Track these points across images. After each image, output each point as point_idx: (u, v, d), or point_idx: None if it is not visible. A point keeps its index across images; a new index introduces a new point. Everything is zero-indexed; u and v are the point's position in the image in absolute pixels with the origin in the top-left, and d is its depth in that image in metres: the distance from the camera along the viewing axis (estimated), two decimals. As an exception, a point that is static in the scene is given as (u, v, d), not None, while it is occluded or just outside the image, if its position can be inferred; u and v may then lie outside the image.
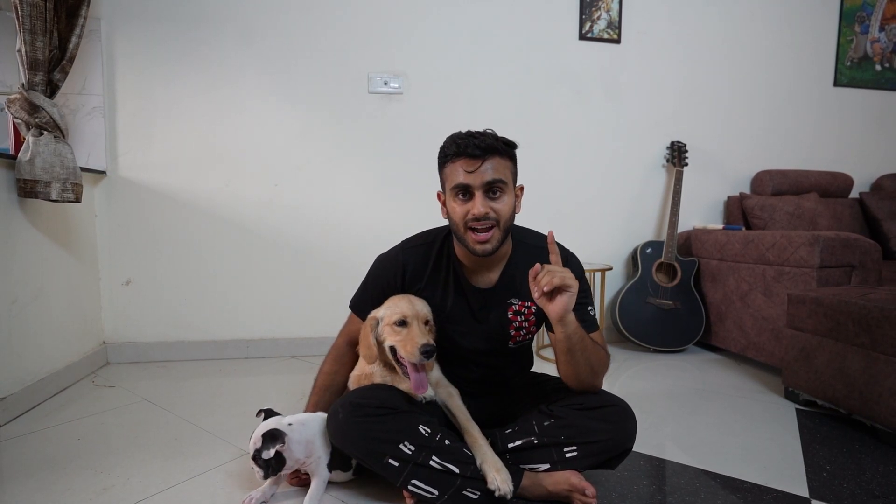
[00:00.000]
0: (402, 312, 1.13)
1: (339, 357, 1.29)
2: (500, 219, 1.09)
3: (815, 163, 2.92)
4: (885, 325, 1.43)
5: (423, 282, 1.22)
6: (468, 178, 1.07)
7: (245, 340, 2.34)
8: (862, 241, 1.97)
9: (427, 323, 1.16)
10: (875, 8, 2.94)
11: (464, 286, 1.21)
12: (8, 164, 1.61)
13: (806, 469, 1.30)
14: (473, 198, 1.08)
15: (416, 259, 1.23)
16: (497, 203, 1.08)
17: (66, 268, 1.93)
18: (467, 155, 1.06)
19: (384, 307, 1.18)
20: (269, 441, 1.03)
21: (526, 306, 1.20)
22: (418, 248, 1.25)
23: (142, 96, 2.20)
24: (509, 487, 1.01)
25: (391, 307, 1.16)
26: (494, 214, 1.08)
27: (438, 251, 1.24)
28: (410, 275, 1.22)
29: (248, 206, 2.32)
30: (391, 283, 1.23)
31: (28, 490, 1.15)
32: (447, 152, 1.10)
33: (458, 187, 1.09)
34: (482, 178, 1.06)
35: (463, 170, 1.07)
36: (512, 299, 1.20)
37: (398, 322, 1.12)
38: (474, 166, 1.06)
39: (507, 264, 1.21)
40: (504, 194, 1.09)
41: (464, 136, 1.08)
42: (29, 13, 1.59)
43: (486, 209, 1.07)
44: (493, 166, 1.06)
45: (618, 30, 2.62)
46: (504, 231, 1.11)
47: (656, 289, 2.49)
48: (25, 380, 1.64)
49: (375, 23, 2.38)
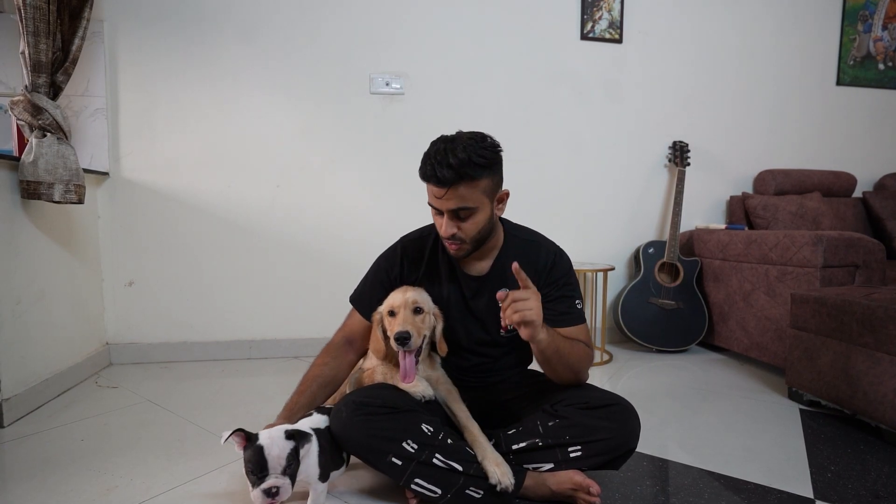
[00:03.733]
0: (392, 303, 1.18)
1: (330, 350, 1.28)
2: (467, 236, 1.14)
3: (818, 162, 2.91)
4: (889, 325, 1.43)
5: (420, 271, 1.27)
6: (436, 202, 1.12)
7: (247, 341, 2.34)
8: (865, 240, 1.96)
9: (419, 311, 1.17)
10: (878, 7, 2.93)
11: (457, 274, 1.26)
12: (11, 166, 1.62)
13: (810, 470, 1.29)
14: (444, 216, 1.13)
15: (413, 249, 1.30)
16: (465, 223, 1.12)
17: (69, 269, 1.93)
18: (434, 182, 1.09)
19: (385, 301, 1.22)
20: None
21: None
22: (415, 241, 1.31)
23: (144, 98, 2.21)
24: (510, 481, 1.02)
25: (388, 299, 1.21)
26: (461, 234, 1.13)
27: (434, 242, 1.29)
28: (408, 264, 1.28)
29: (250, 207, 2.32)
30: (390, 274, 1.28)
31: (32, 490, 1.16)
32: (420, 171, 1.12)
33: (431, 205, 1.15)
34: (447, 205, 1.10)
35: (432, 193, 1.12)
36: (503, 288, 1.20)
37: (389, 312, 1.18)
38: (440, 194, 1.09)
39: (499, 255, 1.25)
40: (472, 215, 1.12)
41: (435, 157, 1.08)
42: (32, 15, 1.59)
43: (453, 230, 1.12)
44: (458, 195, 1.08)
45: (619, 30, 2.62)
46: (474, 242, 1.15)
47: (658, 289, 2.49)
48: (29, 381, 1.64)
49: (377, 24, 2.38)
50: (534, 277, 1.20)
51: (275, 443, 0.94)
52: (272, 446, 0.94)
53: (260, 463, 0.93)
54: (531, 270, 1.20)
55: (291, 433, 0.97)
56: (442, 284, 1.26)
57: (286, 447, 0.95)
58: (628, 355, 2.44)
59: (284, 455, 0.94)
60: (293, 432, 0.98)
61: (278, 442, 0.95)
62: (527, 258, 1.22)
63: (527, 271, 1.19)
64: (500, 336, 1.24)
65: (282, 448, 0.94)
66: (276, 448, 0.94)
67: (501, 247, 1.25)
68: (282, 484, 0.93)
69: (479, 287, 1.25)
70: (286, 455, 0.94)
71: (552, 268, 1.22)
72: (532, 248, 1.25)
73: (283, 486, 0.93)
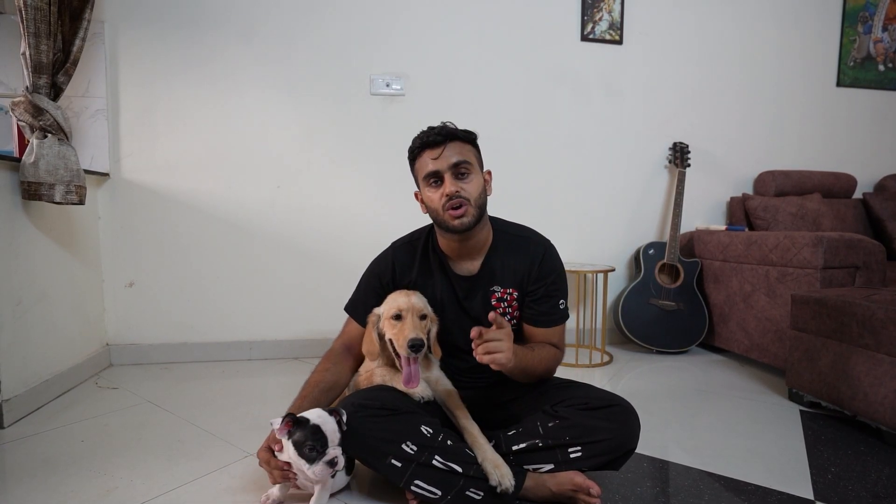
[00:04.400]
0: (398, 306, 1.18)
1: (331, 356, 1.29)
2: (471, 197, 1.16)
3: (818, 163, 2.91)
4: (890, 327, 1.42)
5: (412, 274, 1.29)
6: (435, 164, 1.16)
7: (247, 342, 2.34)
8: (866, 241, 1.96)
9: (424, 317, 1.19)
10: (878, 8, 2.94)
11: (449, 275, 1.27)
12: (12, 167, 1.62)
13: (811, 471, 1.29)
14: (444, 181, 1.16)
15: (403, 254, 1.31)
16: (465, 182, 1.16)
17: (70, 270, 1.94)
18: (430, 145, 1.16)
19: (384, 303, 1.23)
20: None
21: (508, 293, 1.25)
22: (405, 245, 1.34)
23: (145, 99, 2.21)
24: (510, 482, 1.02)
25: (390, 302, 1.21)
26: (465, 192, 1.15)
27: (424, 245, 1.31)
28: (400, 269, 1.30)
29: (250, 208, 2.32)
30: (382, 280, 1.30)
31: (32, 491, 1.16)
32: (413, 148, 1.21)
33: (429, 175, 1.18)
34: (447, 161, 1.15)
35: (430, 159, 1.16)
36: (494, 287, 1.25)
37: (394, 316, 1.18)
38: (438, 153, 1.15)
39: (489, 253, 1.26)
40: (471, 174, 1.17)
41: (424, 133, 1.19)
42: (33, 16, 1.59)
43: (457, 188, 1.15)
44: (455, 150, 1.16)
45: (619, 31, 2.62)
46: (477, 208, 1.17)
47: (659, 290, 2.49)
48: (29, 381, 1.64)
49: (377, 25, 2.38)
50: (523, 274, 1.24)
51: (324, 419, 0.99)
52: (325, 423, 0.99)
53: (321, 438, 0.97)
54: (521, 266, 1.24)
55: (328, 411, 1.02)
56: (435, 286, 1.28)
57: (333, 422, 1.00)
58: (628, 356, 2.43)
59: (336, 428, 0.99)
60: (329, 410, 1.02)
61: (325, 418, 1.00)
62: (516, 254, 1.25)
63: (516, 267, 1.24)
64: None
65: (331, 423, 1.00)
66: (328, 424, 0.99)
67: (491, 244, 1.27)
68: (339, 454, 0.99)
69: (470, 287, 1.26)
70: (336, 428, 1.00)
71: (541, 263, 1.24)
72: (522, 244, 1.27)
73: (339, 456, 0.99)
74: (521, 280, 1.24)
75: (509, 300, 1.25)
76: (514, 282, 1.25)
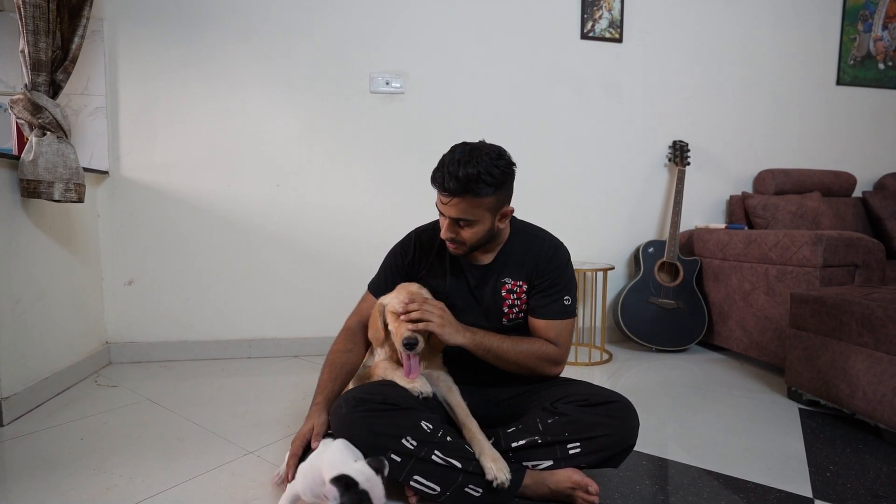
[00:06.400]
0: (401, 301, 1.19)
1: (351, 336, 1.32)
2: (466, 242, 1.19)
3: (818, 162, 2.91)
4: (889, 325, 1.43)
5: (430, 258, 1.34)
6: (441, 207, 1.18)
7: (247, 340, 2.34)
8: (865, 240, 1.96)
9: None
10: (878, 6, 2.93)
11: (462, 264, 1.30)
12: (11, 165, 1.62)
13: (809, 469, 1.29)
14: (447, 221, 1.19)
15: (424, 239, 1.37)
16: (463, 230, 1.18)
17: (69, 268, 1.93)
18: (440, 190, 1.15)
19: (391, 294, 1.24)
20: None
21: (518, 285, 1.28)
22: (428, 231, 1.38)
23: (144, 97, 2.21)
24: (506, 476, 1.03)
25: (395, 295, 1.23)
26: (459, 238, 1.19)
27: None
28: (420, 252, 1.35)
29: (249, 206, 2.32)
30: (405, 259, 1.36)
31: (31, 489, 1.16)
32: (433, 174, 1.17)
33: (437, 208, 1.20)
34: (450, 212, 1.16)
35: (440, 197, 1.17)
36: (506, 278, 1.28)
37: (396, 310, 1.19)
38: (446, 201, 1.15)
39: (504, 247, 1.30)
40: (471, 226, 1.17)
41: (448, 166, 1.11)
42: (32, 14, 1.59)
43: (451, 234, 1.19)
44: (461, 207, 1.14)
45: (619, 29, 2.62)
46: (472, 246, 1.21)
47: (658, 288, 2.49)
48: (29, 379, 1.64)
49: (377, 23, 2.38)
50: (532, 266, 1.27)
51: (374, 484, 0.93)
52: (374, 487, 0.92)
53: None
54: (530, 260, 1.27)
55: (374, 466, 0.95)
56: (448, 273, 1.31)
57: (381, 486, 0.94)
58: (628, 355, 2.44)
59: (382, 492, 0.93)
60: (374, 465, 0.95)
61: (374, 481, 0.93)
62: (529, 249, 1.28)
63: (527, 261, 1.28)
64: (503, 325, 1.29)
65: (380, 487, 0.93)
66: (377, 489, 0.93)
67: (507, 241, 1.30)
68: None
69: (483, 275, 1.29)
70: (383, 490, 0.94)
71: (550, 258, 1.27)
72: (535, 241, 1.30)
73: None
74: (529, 273, 1.27)
75: (518, 292, 1.28)
76: (524, 275, 1.28)
